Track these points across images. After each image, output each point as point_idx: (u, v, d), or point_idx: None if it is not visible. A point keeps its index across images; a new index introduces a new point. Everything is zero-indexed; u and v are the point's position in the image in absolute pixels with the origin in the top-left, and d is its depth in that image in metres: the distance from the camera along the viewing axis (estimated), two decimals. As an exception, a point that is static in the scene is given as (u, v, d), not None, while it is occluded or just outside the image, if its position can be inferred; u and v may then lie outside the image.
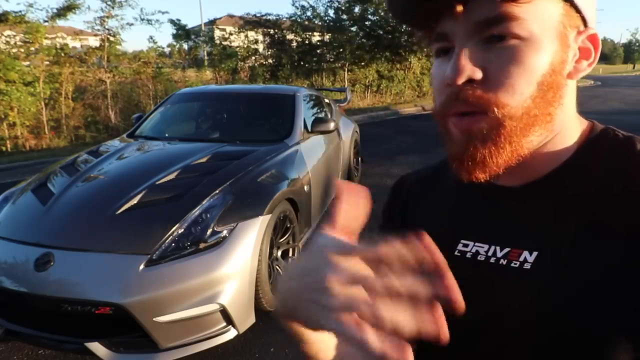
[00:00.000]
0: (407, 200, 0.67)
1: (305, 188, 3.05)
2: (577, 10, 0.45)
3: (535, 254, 0.48)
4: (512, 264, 0.49)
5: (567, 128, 0.50)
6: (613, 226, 0.44)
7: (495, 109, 0.44)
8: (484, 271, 0.51)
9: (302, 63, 13.39)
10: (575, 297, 0.44)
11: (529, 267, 0.47)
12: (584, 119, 0.54)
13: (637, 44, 65.47)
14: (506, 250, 0.50)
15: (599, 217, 0.45)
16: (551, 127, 0.48)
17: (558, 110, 0.47)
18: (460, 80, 0.44)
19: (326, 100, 4.69)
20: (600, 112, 11.28)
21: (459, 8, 0.43)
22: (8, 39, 7.58)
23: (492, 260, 0.51)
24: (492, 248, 0.51)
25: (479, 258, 0.52)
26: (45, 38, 8.00)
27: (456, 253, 0.54)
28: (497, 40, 0.43)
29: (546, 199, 0.49)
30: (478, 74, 0.44)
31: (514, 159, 0.46)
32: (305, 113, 3.67)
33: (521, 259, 0.48)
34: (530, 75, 0.44)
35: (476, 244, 0.53)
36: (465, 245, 0.54)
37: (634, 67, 54.17)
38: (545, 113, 0.46)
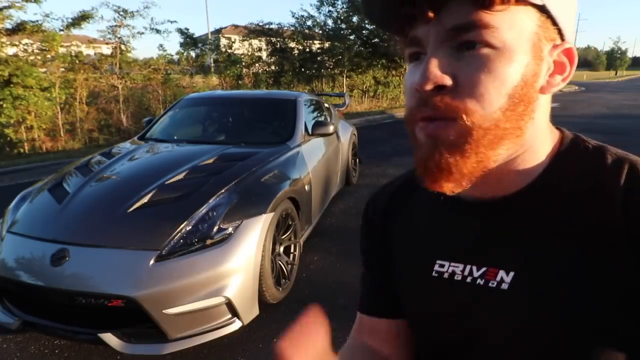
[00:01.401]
0: (383, 222, 0.62)
1: (306, 187, 3.04)
2: (554, 23, 0.42)
3: (512, 274, 0.45)
4: (490, 284, 0.46)
5: (538, 143, 0.47)
6: (585, 242, 0.42)
7: (464, 116, 0.41)
8: (461, 292, 0.49)
9: (303, 70, 13.38)
10: (554, 317, 0.42)
11: (506, 287, 0.45)
12: (554, 128, 0.50)
13: (619, 52, 65.45)
14: (482, 270, 0.47)
15: (572, 234, 0.42)
16: (521, 141, 0.44)
17: (529, 125, 0.44)
18: (429, 87, 0.41)
19: (326, 105, 4.69)
20: (585, 116, 11.27)
21: (431, 14, 0.41)
22: (26, 47, 7.56)
23: (469, 279, 0.48)
24: (468, 267, 0.49)
25: (455, 278, 0.49)
26: (61, 46, 7.98)
27: (434, 274, 0.52)
28: (469, 48, 0.40)
29: (520, 216, 0.46)
30: (447, 81, 0.41)
31: (479, 170, 0.43)
32: (306, 117, 3.66)
33: (498, 278, 0.46)
34: (500, 86, 0.40)
35: (452, 264, 0.50)
36: (442, 266, 0.51)
37: (616, 74, 54.17)
38: (515, 127, 0.42)
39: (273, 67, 13.23)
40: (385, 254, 0.61)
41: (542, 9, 0.41)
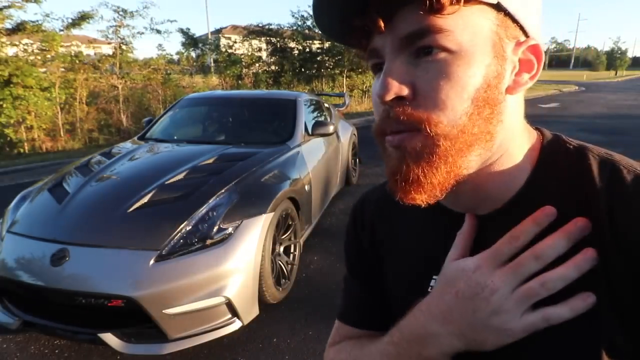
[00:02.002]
0: (373, 225, 0.60)
1: (306, 188, 3.04)
2: (514, 20, 0.41)
3: None
4: None
5: (514, 146, 0.45)
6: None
7: (427, 127, 0.39)
8: None
9: (303, 70, 13.38)
10: (555, 329, 0.40)
11: None
12: (533, 129, 0.49)
13: (619, 52, 65.44)
14: None
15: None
16: (492, 146, 0.42)
17: (498, 128, 0.42)
18: (389, 97, 0.40)
19: (326, 105, 4.69)
20: (585, 116, 11.28)
21: (382, 24, 0.39)
22: (26, 47, 7.56)
23: None
24: None
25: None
26: (61, 46, 7.98)
27: (429, 290, 0.50)
28: (425, 54, 0.39)
29: (507, 230, 0.43)
30: (405, 91, 0.40)
31: (452, 179, 0.41)
32: (306, 117, 3.66)
33: None
34: (462, 91, 0.39)
35: (434, 276, 0.49)
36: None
37: (616, 74, 54.16)
38: (484, 131, 0.41)
39: (273, 67, 13.22)
40: (374, 263, 0.60)
41: (498, 7, 0.39)
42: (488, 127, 0.41)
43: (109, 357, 2.06)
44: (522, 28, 0.42)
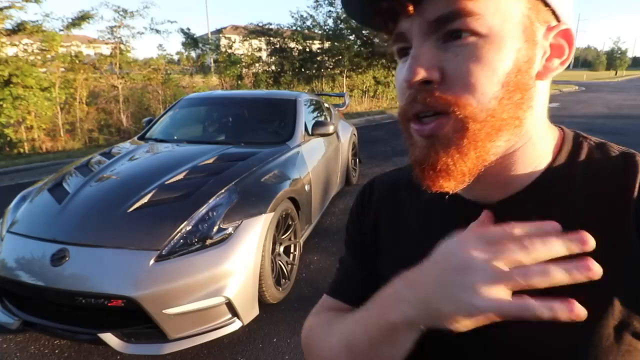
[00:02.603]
0: (378, 210, 0.59)
1: (306, 187, 3.04)
2: (546, 4, 0.40)
3: None
4: None
5: (539, 136, 0.45)
6: (603, 237, 0.39)
7: (456, 110, 0.39)
8: None
9: (303, 70, 13.38)
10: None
11: None
12: (554, 125, 0.49)
13: (619, 52, 65.46)
14: None
15: (588, 228, 0.40)
16: (520, 132, 0.42)
17: (527, 114, 0.42)
18: (415, 79, 0.39)
19: (326, 105, 4.69)
20: (585, 116, 11.28)
21: (411, 7, 0.39)
22: (26, 47, 7.56)
23: None
24: None
25: None
26: (61, 46, 7.98)
27: None
28: (455, 38, 0.38)
29: (527, 213, 0.43)
30: (434, 75, 0.39)
31: (480, 165, 0.41)
32: (306, 117, 3.66)
33: None
34: (492, 75, 0.38)
35: None
36: None
37: (616, 74, 54.16)
38: (513, 117, 0.40)
39: (273, 67, 13.22)
40: (373, 243, 0.59)
41: None
42: (517, 112, 0.41)
43: (109, 357, 2.06)
44: (553, 12, 0.41)
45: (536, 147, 0.45)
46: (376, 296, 0.46)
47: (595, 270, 0.32)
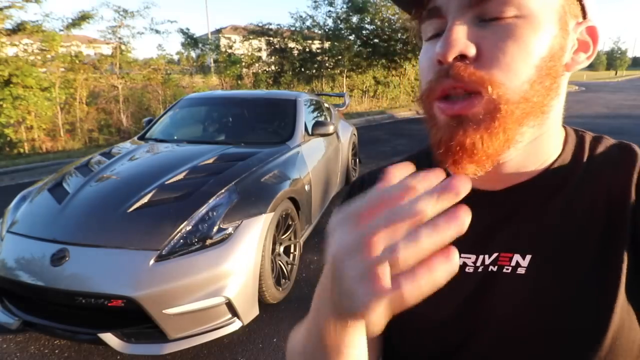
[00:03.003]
0: None
1: (306, 187, 3.04)
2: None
3: (529, 257, 0.43)
4: (505, 269, 0.44)
5: (555, 125, 0.45)
6: (606, 224, 0.41)
7: (490, 88, 0.38)
8: (471, 283, 0.46)
9: (303, 70, 13.38)
10: (582, 299, 0.40)
11: (523, 271, 0.43)
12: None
13: (619, 52, 65.49)
14: (494, 256, 0.45)
15: (592, 215, 0.42)
16: (545, 119, 0.42)
17: (554, 102, 0.42)
18: (452, 55, 0.38)
19: (326, 105, 4.69)
20: (585, 116, 11.28)
21: None
22: (26, 47, 7.56)
23: (480, 269, 0.46)
24: (480, 257, 0.46)
25: (466, 270, 0.46)
26: (61, 46, 7.98)
27: None
28: (495, 18, 0.38)
29: (535, 201, 0.44)
30: (471, 50, 0.38)
31: (504, 150, 0.40)
32: (306, 117, 3.67)
33: (513, 263, 0.44)
34: (528, 56, 0.38)
35: (462, 255, 0.46)
36: None
37: (616, 74, 54.16)
38: (542, 102, 0.40)
39: (273, 67, 13.23)
40: None
41: None
42: (546, 98, 0.41)
43: (109, 357, 2.06)
44: (582, 8, 0.42)
45: (551, 139, 0.45)
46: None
47: (463, 218, 0.27)
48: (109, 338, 1.87)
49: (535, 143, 0.43)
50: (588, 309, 0.40)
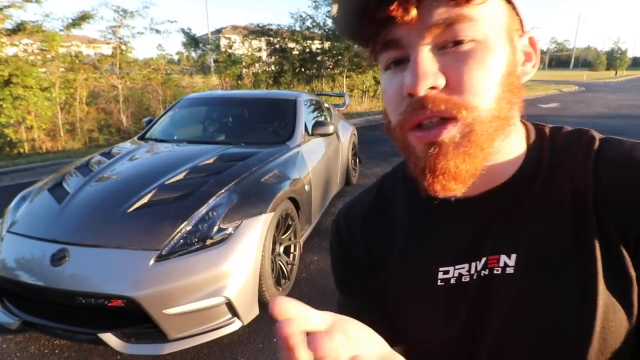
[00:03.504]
0: (364, 241, 0.57)
1: (306, 187, 3.04)
2: (517, 14, 0.43)
3: (514, 256, 0.45)
4: (495, 271, 0.45)
5: (517, 130, 0.48)
6: (575, 217, 0.43)
7: (465, 112, 0.40)
8: (473, 290, 0.47)
9: (302, 70, 13.38)
10: (567, 294, 0.42)
11: (512, 270, 0.45)
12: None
13: (619, 52, 65.46)
14: (483, 260, 0.46)
15: (562, 210, 0.44)
16: (511, 130, 0.45)
17: (514, 113, 0.44)
18: (424, 88, 0.39)
19: (326, 105, 4.69)
20: (585, 116, 11.28)
21: (413, 12, 0.39)
22: (26, 47, 7.56)
23: (475, 276, 0.47)
24: (473, 265, 0.47)
25: (464, 280, 0.48)
26: (61, 46, 7.98)
27: (439, 283, 0.49)
28: (454, 44, 0.40)
29: (512, 204, 0.46)
30: (441, 81, 0.40)
31: (483, 165, 0.43)
32: (306, 117, 3.67)
33: (501, 264, 0.45)
34: (491, 77, 0.40)
35: (456, 267, 0.48)
36: (446, 272, 0.49)
37: (616, 74, 54.14)
38: (508, 116, 0.43)
39: (273, 67, 13.22)
40: (372, 276, 0.57)
41: (509, 0, 0.42)
42: (511, 111, 0.43)
43: (109, 357, 2.06)
44: (520, 22, 0.44)
45: (513, 143, 0.47)
46: None
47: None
48: (109, 338, 1.87)
49: (503, 150, 0.46)
50: (571, 298, 0.42)
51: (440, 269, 0.49)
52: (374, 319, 0.55)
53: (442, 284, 0.49)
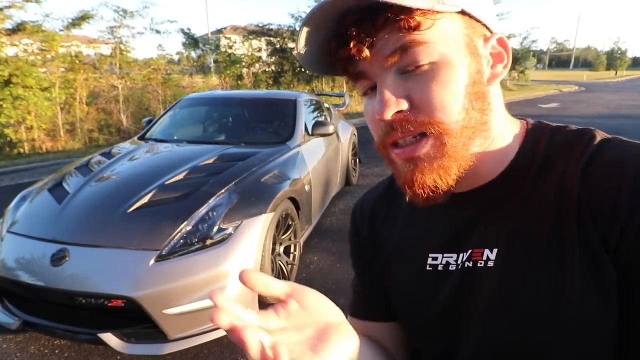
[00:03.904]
0: (371, 226, 0.64)
1: (306, 187, 3.04)
2: (478, 20, 0.45)
3: (495, 250, 0.47)
4: (478, 264, 0.48)
5: (503, 130, 0.49)
6: (558, 214, 0.44)
7: (431, 128, 0.43)
8: (456, 278, 0.50)
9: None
10: (541, 288, 0.43)
11: (492, 264, 0.47)
12: (515, 118, 0.53)
13: (619, 52, 65.42)
14: (469, 252, 0.50)
15: (546, 208, 0.45)
16: (489, 134, 0.47)
17: (490, 117, 0.47)
18: (389, 114, 0.43)
19: (326, 105, 4.69)
20: (585, 117, 11.28)
21: (366, 52, 0.43)
22: (26, 47, 7.56)
23: (460, 266, 0.50)
24: (460, 255, 0.51)
25: (450, 268, 0.51)
26: (61, 46, 7.98)
27: (428, 267, 0.54)
28: (414, 68, 0.43)
29: (498, 200, 0.48)
30: (404, 104, 0.43)
31: (461, 174, 0.45)
32: (306, 117, 3.67)
33: (484, 257, 0.48)
34: (454, 91, 0.43)
35: (444, 255, 0.52)
36: (435, 259, 0.53)
37: (616, 74, 54.14)
38: (480, 122, 0.45)
39: (273, 67, 13.23)
40: (374, 257, 0.63)
41: (463, 13, 0.43)
42: (483, 117, 0.45)
43: (109, 357, 2.06)
44: (485, 26, 0.46)
45: (503, 141, 0.49)
46: None
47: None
48: (109, 338, 1.87)
49: (487, 150, 0.48)
50: (544, 294, 0.43)
51: (430, 255, 0.54)
52: (373, 294, 0.63)
53: (430, 269, 0.53)
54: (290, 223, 2.70)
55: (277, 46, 13.12)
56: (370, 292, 0.64)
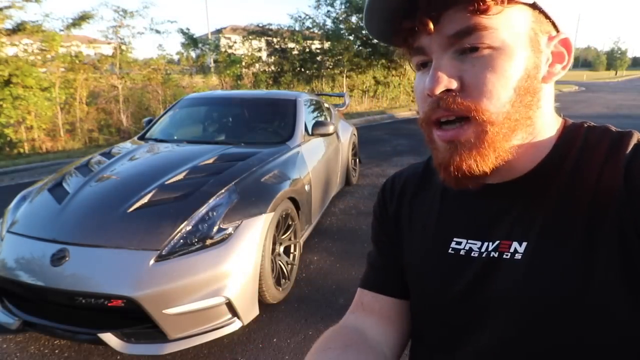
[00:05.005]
0: (399, 202, 0.65)
1: (306, 187, 3.04)
2: (547, 17, 0.45)
3: (524, 244, 0.47)
4: (504, 255, 0.48)
5: (546, 127, 0.50)
6: (593, 213, 0.43)
7: (476, 114, 0.44)
8: (476, 266, 0.51)
9: (302, 70, 13.38)
10: (568, 284, 0.43)
11: (520, 257, 0.47)
12: (559, 116, 0.53)
13: (619, 52, 65.40)
14: (496, 243, 0.50)
15: (580, 205, 0.45)
16: (532, 130, 0.48)
17: (537, 113, 0.47)
18: (438, 91, 0.44)
19: (326, 105, 4.69)
20: (585, 116, 11.25)
21: (431, 25, 0.44)
22: (26, 47, 7.56)
23: (484, 255, 0.50)
24: (485, 244, 0.51)
25: (472, 255, 0.52)
26: (61, 46, 7.98)
27: (450, 251, 0.54)
28: (471, 51, 0.43)
29: (531, 194, 0.49)
30: (454, 84, 0.44)
31: (499, 163, 0.46)
32: (306, 117, 3.67)
33: (511, 250, 0.48)
34: (506, 82, 0.43)
35: (469, 241, 0.53)
36: (459, 243, 0.54)
37: (616, 74, 54.11)
38: (525, 117, 0.46)
39: (273, 67, 13.22)
40: (397, 232, 0.64)
41: (534, 6, 0.44)
42: (528, 112, 0.46)
43: (109, 357, 2.06)
44: (553, 24, 0.46)
45: (540, 139, 0.49)
46: None
47: None
48: (109, 338, 1.87)
49: (527, 144, 0.48)
50: (572, 290, 0.43)
51: (455, 239, 0.54)
52: (389, 267, 0.64)
53: (452, 252, 0.54)
54: (290, 223, 2.70)
55: (277, 46, 13.11)
56: (386, 266, 0.64)
